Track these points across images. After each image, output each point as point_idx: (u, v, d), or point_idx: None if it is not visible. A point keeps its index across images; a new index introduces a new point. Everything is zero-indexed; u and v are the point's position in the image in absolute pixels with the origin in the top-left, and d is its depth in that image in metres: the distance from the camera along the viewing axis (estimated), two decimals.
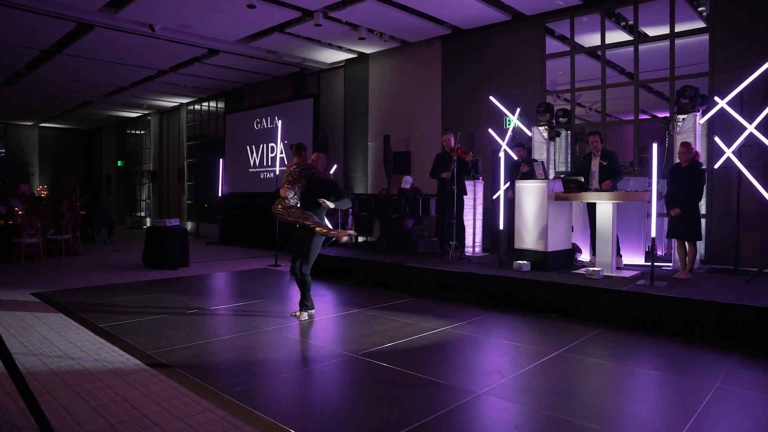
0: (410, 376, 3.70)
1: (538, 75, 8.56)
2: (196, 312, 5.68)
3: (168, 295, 6.62)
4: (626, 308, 5.25)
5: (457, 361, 4.14)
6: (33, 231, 9.45)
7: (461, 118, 9.44)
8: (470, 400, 3.29)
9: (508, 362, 4.09)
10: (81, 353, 4.17)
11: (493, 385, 3.56)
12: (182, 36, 9.45)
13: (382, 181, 10.54)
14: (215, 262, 9.79)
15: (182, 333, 4.77)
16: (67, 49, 10.16)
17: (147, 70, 12.12)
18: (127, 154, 20.63)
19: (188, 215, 16.67)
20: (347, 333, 4.88)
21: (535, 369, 3.91)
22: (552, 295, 5.74)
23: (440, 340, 4.68)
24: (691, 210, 5.90)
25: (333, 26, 8.99)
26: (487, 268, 6.71)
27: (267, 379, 3.66)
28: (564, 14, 8.24)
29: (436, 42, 9.80)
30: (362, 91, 11.16)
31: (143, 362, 3.94)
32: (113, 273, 8.41)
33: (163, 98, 15.67)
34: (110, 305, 5.98)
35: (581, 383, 3.76)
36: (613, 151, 6.62)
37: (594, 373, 3.97)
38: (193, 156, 16.57)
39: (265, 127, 12.47)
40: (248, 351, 4.37)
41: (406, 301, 6.35)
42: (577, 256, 7.19)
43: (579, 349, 4.44)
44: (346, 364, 3.95)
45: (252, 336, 4.78)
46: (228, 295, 6.70)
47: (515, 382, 3.63)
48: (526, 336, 4.92)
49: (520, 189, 6.84)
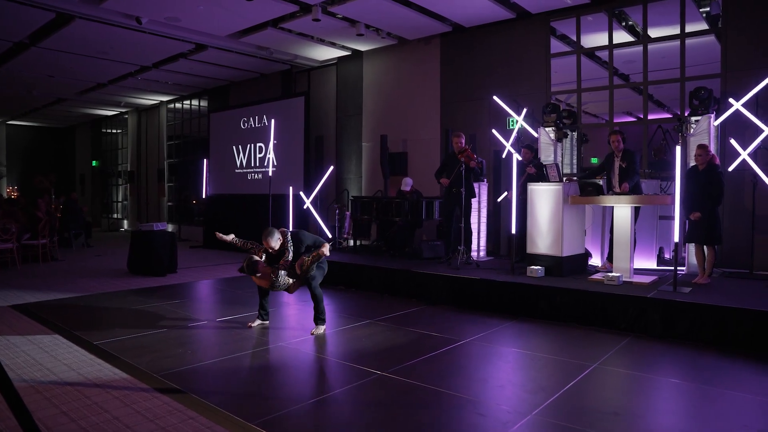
0: (450, 398, 3.40)
1: (543, 75, 8.36)
2: (196, 325, 5.26)
3: (162, 305, 6.17)
4: (653, 316, 5.06)
5: (495, 378, 3.86)
6: (7, 236, 8.81)
7: (462, 118, 9.19)
8: (526, 424, 3.00)
9: (548, 377, 3.83)
10: (78, 377, 3.74)
11: (542, 404, 3.28)
12: (170, 30, 8.95)
13: (377, 183, 10.22)
14: (204, 268, 9.31)
15: (188, 350, 4.37)
16: (43, 42, 9.53)
17: (128, 66, 11.51)
18: (103, 154, 19.80)
19: (169, 217, 16.03)
20: (368, 347, 4.54)
21: (579, 385, 3.65)
22: (572, 303, 5.52)
23: (468, 354, 4.40)
24: (710, 213, 5.76)
25: (330, 22, 8.62)
26: (499, 273, 6.46)
27: (294, 405, 3.29)
28: (570, 13, 8.06)
29: (435, 40, 9.52)
30: (356, 89, 10.81)
31: (152, 386, 3.53)
32: (97, 280, 7.88)
33: (142, 96, 15.01)
34: (101, 318, 5.51)
35: (637, 401, 3.50)
36: (633, 152, 6.44)
37: (644, 388, 3.73)
38: (174, 156, 15.95)
39: (253, 126, 12.00)
40: (266, 371, 4.00)
41: (417, 310, 6.04)
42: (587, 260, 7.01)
43: (615, 361, 4.22)
44: (378, 384, 3.62)
45: (264, 353, 4.40)
46: (225, 304, 6.27)
47: (564, 401, 3.36)
48: (554, 347, 4.67)
49: (533, 192, 6.60)
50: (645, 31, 7.57)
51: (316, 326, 4.86)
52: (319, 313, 4.85)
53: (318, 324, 4.86)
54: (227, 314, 5.70)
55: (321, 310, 4.86)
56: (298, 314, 5.84)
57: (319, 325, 4.86)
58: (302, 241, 4.89)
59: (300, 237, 4.93)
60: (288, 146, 10.75)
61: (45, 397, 3.34)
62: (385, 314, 5.75)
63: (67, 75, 12.13)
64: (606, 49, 8.04)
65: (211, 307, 6.20)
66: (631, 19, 8.34)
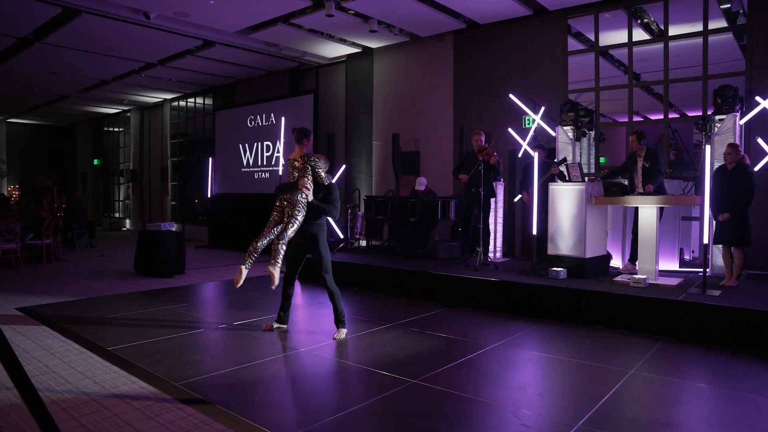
0: (490, 408, 3.22)
1: (559, 73, 8.19)
2: (211, 329, 5.08)
3: (173, 307, 5.98)
4: (683, 319, 4.90)
5: (531, 385, 3.68)
6: (11, 236, 8.60)
7: (476, 117, 9.01)
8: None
9: (586, 385, 3.67)
10: (94, 386, 3.55)
11: (586, 414, 3.11)
12: (178, 25, 8.75)
13: (388, 183, 10.04)
14: (211, 269, 9.13)
15: (207, 357, 4.18)
16: (47, 38, 9.32)
17: (133, 63, 11.31)
18: (104, 153, 19.58)
19: (172, 216, 15.82)
20: (394, 353, 4.36)
21: (620, 392, 3.49)
22: (598, 306, 5.36)
23: (499, 360, 4.23)
24: (739, 214, 5.60)
25: (343, 18, 8.44)
26: (520, 275, 6.30)
27: (329, 416, 3.11)
28: (588, 10, 7.89)
29: (448, 37, 9.34)
30: (366, 87, 10.63)
31: (174, 396, 3.35)
32: (104, 282, 7.68)
33: (146, 93, 14.80)
34: (111, 322, 5.32)
35: (684, 410, 3.33)
36: (656, 151, 6.28)
37: (687, 396, 3.56)
38: (178, 155, 15.74)
39: (260, 124, 11.80)
40: (292, 380, 3.83)
41: (437, 313, 5.87)
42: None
43: (651, 367, 4.07)
44: (413, 393, 3.44)
45: (287, 359, 4.22)
46: (238, 307, 6.09)
47: (609, 410, 3.19)
48: (585, 351, 4.51)
49: (554, 192, 6.43)
50: (666, 28, 7.40)
51: (338, 330, 4.66)
52: (339, 314, 4.66)
53: (339, 327, 4.67)
54: (241, 317, 5.52)
55: (340, 311, 4.67)
56: (313, 317, 5.67)
57: (340, 328, 4.66)
58: (333, 193, 4.73)
59: (336, 190, 4.75)
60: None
61: (62, 408, 3.16)
62: (405, 317, 5.58)
63: (70, 72, 11.93)
64: (625, 47, 7.87)
65: (223, 310, 6.01)
66: (648, 16, 8.17)
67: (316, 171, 4.64)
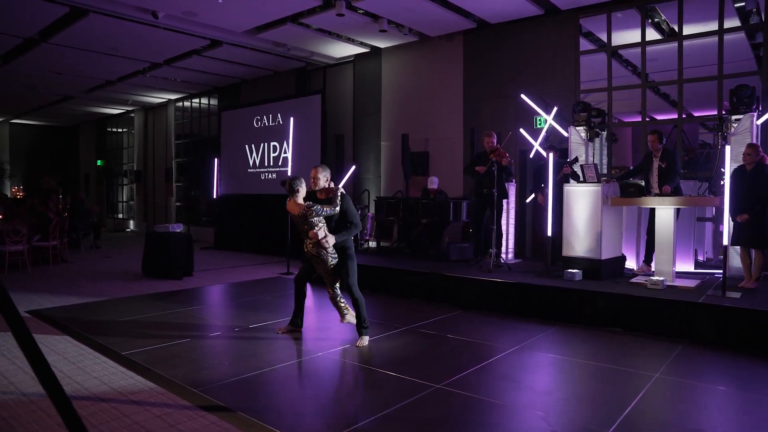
0: (518, 413, 3.15)
1: (571, 73, 8.11)
2: (226, 333, 5.00)
3: (184, 310, 5.91)
4: (704, 322, 4.83)
5: (557, 390, 3.61)
6: (17, 237, 8.53)
7: (486, 117, 8.94)
8: None
9: (612, 389, 3.60)
10: (112, 392, 3.48)
11: (617, 419, 3.03)
12: (186, 25, 8.68)
13: (397, 183, 9.97)
14: (220, 271, 9.05)
15: (224, 362, 4.11)
16: (54, 38, 9.25)
17: (139, 63, 11.24)
18: (107, 153, 19.51)
19: (176, 218, 15.75)
20: (413, 357, 4.29)
21: (648, 397, 3.42)
22: (616, 308, 5.29)
23: (520, 364, 4.15)
24: (759, 215, 5.52)
25: (353, 17, 8.36)
26: (535, 277, 6.23)
27: (358, 423, 3.03)
28: (600, 9, 7.81)
29: (458, 37, 9.27)
30: (374, 87, 10.55)
31: (194, 403, 3.27)
32: (112, 284, 7.61)
33: (150, 94, 14.73)
34: (123, 325, 5.24)
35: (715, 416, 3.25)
36: (672, 152, 6.20)
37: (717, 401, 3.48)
38: (182, 155, 15.67)
39: (267, 124, 11.73)
40: (313, 385, 3.76)
41: (452, 315, 5.80)
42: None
43: (676, 370, 4.01)
44: (438, 399, 3.36)
45: (306, 364, 4.15)
46: (251, 310, 6.01)
47: (639, 416, 3.12)
48: (607, 355, 4.44)
49: (570, 193, 6.36)
50: (680, 28, 7.32)
51: (360, 337, 4.56)
52: (362, 321, 4.56)
53: (362, 334, 4.57)
54: (255, 321, 5.45)
55: (363, 318, 4.58)
56: (327, 320, 5.59)
57: (363, 336, 4.57)
58: (348, 209, 4.55)
59: (349, 202, 4.59)
60: (304, 145, 10.48)
61: (81, 416, 3.08)
62: (420, 320, 5.50)
63: (75, 72, 11.86)
64: (637, 47, 7.80)
65: (236, 313, 5.93)
66: (660, 16, 8.08)
67: (319, 216, 4.44)
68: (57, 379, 2.19)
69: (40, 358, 2.22)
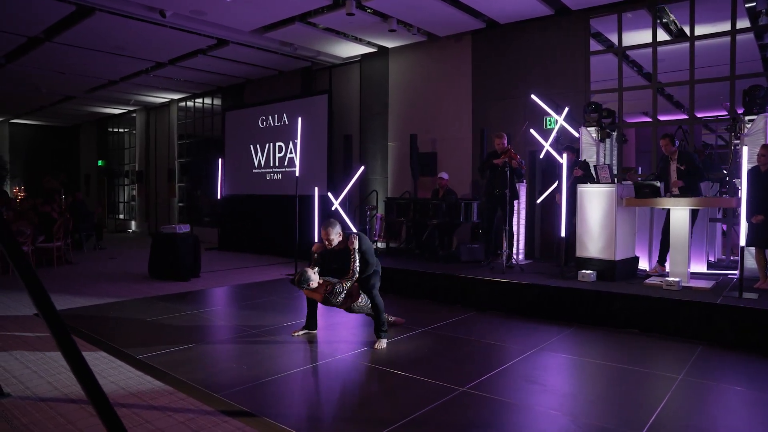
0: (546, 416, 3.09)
1: (581, 73, 8.07)
2: (241, 335, 4.93)
3: (195, 312, 5.84)
4: (723, 323, 4.79)
5: (581, 392, 3.55)
6: (22, 238, 8.44)
7: (495, 117, 8.89)
8: None
9: (637, 391, 3.55)
10: (131, 397, 3.41)
11: (648, 422, 2.99)
12: (193, 24, 8.60)
13: (404, 184, 9.91)
14: (227, 272, 8.98)
15: (243, 365, 4.04)
16: (58, 37, 9.17)
17: (143, 63, 11.17)
18: (108, 153, 19.41)
19: (179, 218, 15.67)
20: (434, 360, 4.23)
21: (675, 400, 3.38)
22: (633, 309, 5.25)
23: (542, 365, 4.11)
24: None
25: (362, 16, 8.31)
26: (548, 278, 6.18)
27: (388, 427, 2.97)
28: (611, 10, 7.77)
29: (466, 37, 9.22)
30: (381, 87, 10.50)
31: (217, 408, 3.21)
32: (119, 285, 7.54)
33: (153, 94, 14.65)
34: (134, 327, 5.18)
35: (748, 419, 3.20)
36: (690, 153, 6.16)
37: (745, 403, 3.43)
38: (185, 156, 15.59)
39: (272, 125, 11.66)
40: (336, 389, 3.69)
41: (467, 317, 5.75)
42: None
43: (698, 372, 3.96)
44: (465, 402, 3.30)
45: (326, 367, 4.09)
46: (261, 312, 5.94)
47: (670, 419, 3.07)
48: (627, 356, 4.40)
49: (583, 193, 6.31)
50: (692, 28, 7.29)
51: (378, 340, 4.51)
52: (381, 324, 4.51)
53: (380, 337, 4.52)
54: (268, 323, 5.38)
55: (383, 321, 4.53)
56: (343, 321, 5.53)
57: (381, 338, 4.51)
58: (367, 249, 4.53)
59: (368, 245, 4.56)
60: (310, 145, 10.41)
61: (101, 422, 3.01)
62: (435, 322, 5.45)
63: (78, 72, 11.77)
64: (647, 47, 7.77)
65: (248, 315, 5.86)
66: (668, 16, 8.05)
67: (342, 293, 4.43)
68: (101, 388, 2.12)
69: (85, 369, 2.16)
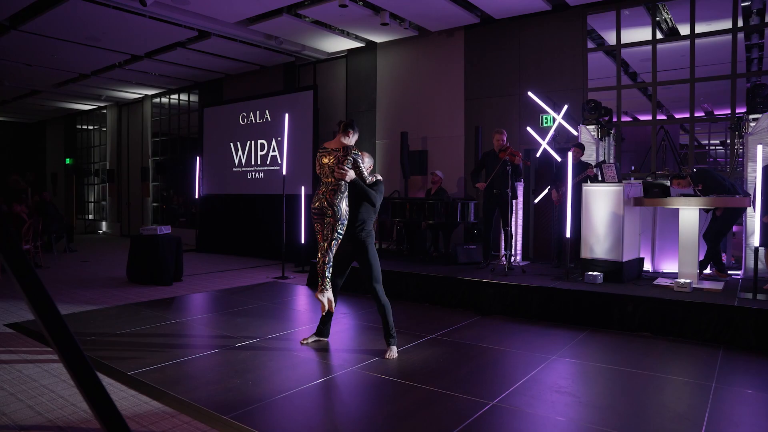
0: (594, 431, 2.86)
1: (579, 71, 7.94)
2: (240, 345, 4.56)
3: (185, 320, 5.44)
4: (742, 326, 4.67)
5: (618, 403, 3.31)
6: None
7: (488, 115, 8.69)
8: None
9: (675, 401, 3.36)
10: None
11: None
12: (175, 14, 8.13)
13: (393, 183, 9.63)
14: (210, 275, 8.54)
15: (248, 381, 3.69)
16: (26, 24, 8.55)
17: (118, 55, 10.57)
18: (77, 151, 18.52)
19: (153, 219, 15.03)
20: (452, 370, 3.95)
21: (718, 410, 3.18)
22: (647, 312, 5.09)
23: (569, 374, 3.89)
24: None
25: (354, 9, 7.99)
26: (553, 280, 5.99)
27: None
28: (609, 6, 7.66)
29: (459, 32, 9.00)
30: (369, 84, 10.19)
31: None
32: (97, 291, 7.03)
33: (125, 89, 13.98)
34: (121, 339, 4.74)
35: None
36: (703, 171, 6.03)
37: None
38: (159, 154, 14.95)
39: (253, 121, 11.22)
40: (356, 407, 3.38)
41: (472, 322, 5.51)
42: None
43: (729, 379, 3.81)
44: (501, 417, 3.04)
45: (340, 381, 3.77)
46: (256, 318, 5.56)
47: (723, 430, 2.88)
48: (651, 362, 4.22)
49: (589, 193, 6.15)
50: (692, 26, 7.22)
51: (389, 348, 4.21)
52: (390, 329, 4.21)
53: (390, 344, 4.22)
54: (268, 331, 5.02)
55: (391, 326, 4.22)
56: (350, 329, 5.22)
57: (391, 345, 4.21)
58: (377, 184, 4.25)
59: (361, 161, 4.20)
60: (296, 143, 10.02)
61: None
62: (442, 328, 5.18)
63: (46, 63, 11.08)
64: (645, 45, 7.69)
65: (243, 322, 5.46)
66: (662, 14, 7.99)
67: (358, 165, 4.14)
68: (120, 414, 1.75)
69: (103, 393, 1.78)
